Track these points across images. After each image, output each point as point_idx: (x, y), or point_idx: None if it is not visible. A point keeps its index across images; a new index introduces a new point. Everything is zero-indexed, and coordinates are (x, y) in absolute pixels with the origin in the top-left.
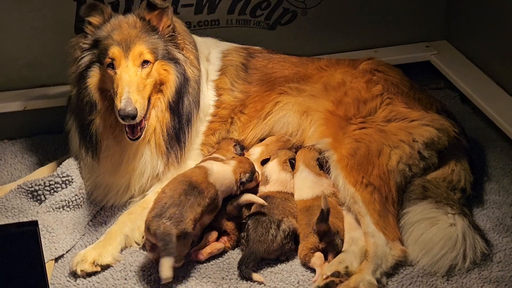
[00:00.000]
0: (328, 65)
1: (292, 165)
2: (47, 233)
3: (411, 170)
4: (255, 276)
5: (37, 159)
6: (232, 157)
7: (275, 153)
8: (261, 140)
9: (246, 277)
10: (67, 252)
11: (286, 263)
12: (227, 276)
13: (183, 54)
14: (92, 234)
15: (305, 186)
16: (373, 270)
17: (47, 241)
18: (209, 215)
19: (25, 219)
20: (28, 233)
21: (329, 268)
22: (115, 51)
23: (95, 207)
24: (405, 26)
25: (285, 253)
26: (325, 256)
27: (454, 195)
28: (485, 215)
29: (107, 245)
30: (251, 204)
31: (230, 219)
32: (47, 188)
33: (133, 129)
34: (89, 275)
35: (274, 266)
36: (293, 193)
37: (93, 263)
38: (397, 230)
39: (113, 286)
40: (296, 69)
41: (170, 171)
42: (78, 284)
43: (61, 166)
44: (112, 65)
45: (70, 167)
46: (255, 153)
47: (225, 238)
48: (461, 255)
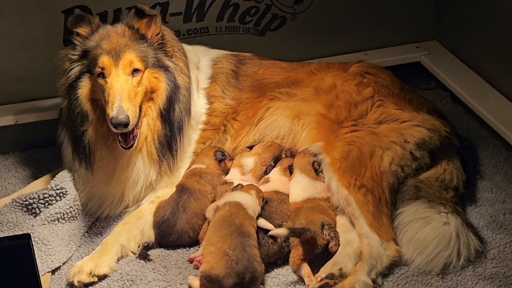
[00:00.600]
0: (318, 69)
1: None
2: (43, 245)
3: (403, 170)
4: None
5: (30, 172)
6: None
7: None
8: (250, 147)
9: None
10: (63, 264)
11: (282, 267)
12: None
13: (172, 61)
14: (88, 245)
15: (298, 188)
16: (368, 270)
17: (43, 254)
18: None
19: (20, 232)
20: (21, 246)
21: (323, 270)
22: (105, 60)
23: (90, 218)
24: (395, 27)
25: (283, 257)
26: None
27: (447, 194)
28: (478, 212)
29: (103, 255)
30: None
31: None
32: (42, 201)
33: (125, 137)
34: (87, 285)
35: (270, 270)
36: (289, 195)
37: (90, 273)
38: (391, 230)
39: None
40: (286, 74)
41: (163, 180)
42: None
43: (55, 178)
44: (102, 75)
45: (64, 179)
46: (248, 164)
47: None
48: (455, 253)
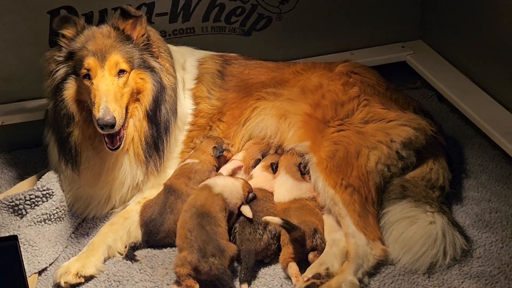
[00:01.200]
0: (304, 69)
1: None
2: (29, 247)
3: (389, 170)
4: (244, 287)
5: (16, 173)
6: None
7: (258, 155)
8: None
9: (243, 281)
10: (50, 265)
11: (269, 267)
12: None
13: (158, 62)
14: (74, 246)
15: (282, 189)
16: (355, 270)
17: (30, 255)
18: None
19: (6, 234)
20: (8, 248)
21: (310, 270)
22: (90, 61)
23: (77, 219)
24: (380, 27)
25: (270, 255)
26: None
27: (433, 193)
28: (464, 211)
29: (90, 256)
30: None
31: None
32: (28, 202)
33: (112, 139)
34: (73, 286)
35: (257, 270)
36: (273, 193)
37: (77, 274)
38: (377, 230)
39: None
40: (272, 74)
41: (150, 180)
42: None
43: (41, 179)
44: (88, 76)
45: (50, 180)
46: (238, 158)
47: None
48: (442, 252)
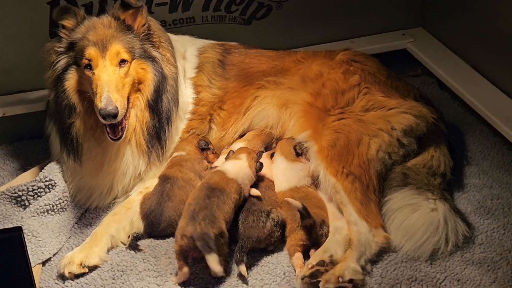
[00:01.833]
0: (305, 58)
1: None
2: (33, 237)
3: (391, 158)
4: (242, 268)
5: (19, 164)
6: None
7: (261, 148)
8: (241, 136)
9: (239, 261)
10: (54, 255)
11: (272, 255)
12: None
13: (159, 52)
14: (78, 236)
15: (280, 174)
16: (358, 257)
17: (34, 246)
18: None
19: (10, 225)
20: (13, 239)
21: (314, 257)
22: (91, 51)
23: (80, 209)
24: (380, 15)
25: (273, 242)
26: (315, 246)
27: (434, 180)
28: (466, 198)
29: (93, 246)
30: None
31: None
32: (31, 193)
33: (114, 129)
34: (77, 276)
35: (260, 259)
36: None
37: (81, 264)
38: (379, 217)
39: (101, 286)
40: (273, 63)
41: (152, 170)
42: (66, 286)
43: (43, 170)
44: (89, 66)
45: (52, 171)
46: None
47: None
48: (444, 239)
